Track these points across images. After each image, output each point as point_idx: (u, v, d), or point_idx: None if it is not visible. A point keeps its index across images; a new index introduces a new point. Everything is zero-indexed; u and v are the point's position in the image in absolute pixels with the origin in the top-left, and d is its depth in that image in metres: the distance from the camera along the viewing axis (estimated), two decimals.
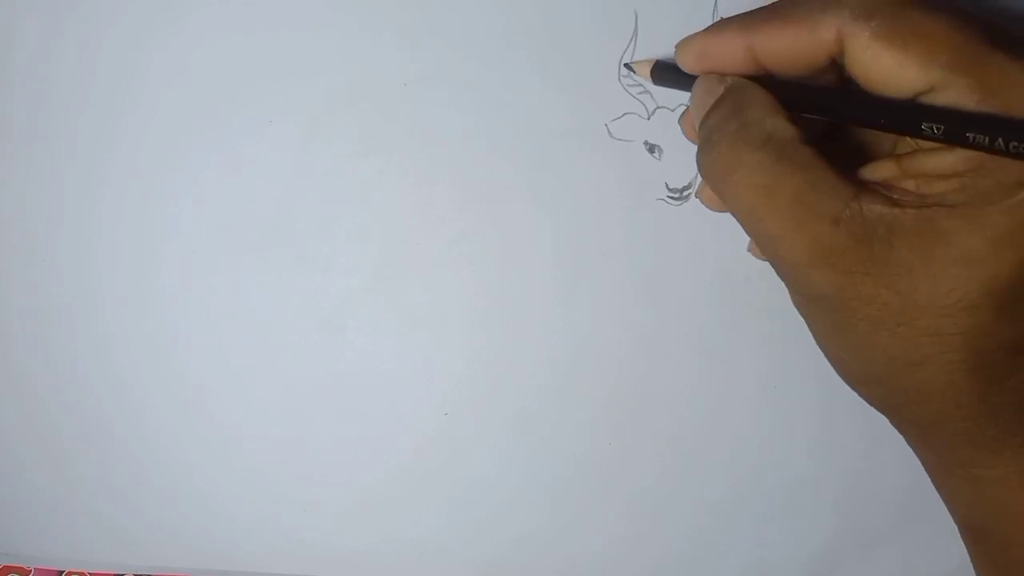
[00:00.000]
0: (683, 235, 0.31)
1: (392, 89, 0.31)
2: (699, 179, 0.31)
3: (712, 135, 0.25)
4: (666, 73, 0.29)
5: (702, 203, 0.30)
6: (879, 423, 0.26)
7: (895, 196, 0.23)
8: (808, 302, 0.25)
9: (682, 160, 0.31)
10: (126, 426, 0.34)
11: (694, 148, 0.31)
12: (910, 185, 0.23)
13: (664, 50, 0.30)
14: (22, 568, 0.35)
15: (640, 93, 0.30)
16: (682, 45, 0.27)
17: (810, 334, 0.26)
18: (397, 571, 0.34)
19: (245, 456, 0.33)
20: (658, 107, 0.31)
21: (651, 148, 0.31)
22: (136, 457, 0.34)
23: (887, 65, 0.22)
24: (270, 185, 0.32)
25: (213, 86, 0.31)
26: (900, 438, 0.26)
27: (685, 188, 0.31)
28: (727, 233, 0.31)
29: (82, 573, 0.35)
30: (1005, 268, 0.22)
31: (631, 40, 0.30)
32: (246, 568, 0.34)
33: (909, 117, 0.23)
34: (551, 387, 0.32)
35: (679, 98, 0.30)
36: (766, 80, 0.25)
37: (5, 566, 0.35)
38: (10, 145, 0.32)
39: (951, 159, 0.23)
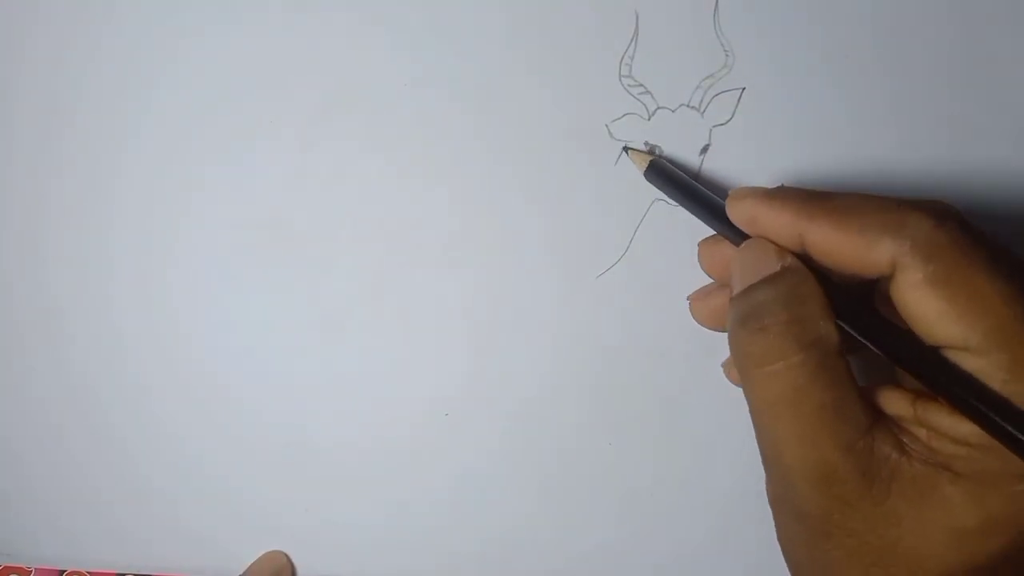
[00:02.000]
0: (683, 235, 0.31)
1: (393, 89, 0.31)
2: (700, 180, 0.31)
3: (763, 316, 0.24)
4: (660, 176, 0.29)
5: (725, 375, 0.29)
6: None
7: (905, 440, 0.23)
8: (788, 509, 0.25)
9: (683, 161, 0.31)
10: (126, 426, 0.34)
11: (695, 148, 0.31)
12: (921, 434, 0.23)
13: (665, 51, 0.30)
14: (22, 568, 0.35)
15: (641, 94, 0.30)
16: (736, 201, 0.26)
17: None
18: (398, 570, 0.34)
19: (245, 456, 0.34)
20: (659, 108, 0.31)
21: (652, 149, 0.31)
22: (136, 457, 0.34)
23: (930, 311, 0.22)
24: (270, 185, 0.32)
25: (214, 86, 0.31)
26: None
27: None
28: None
29: (82, 573, 0.35)
30: (991, 549, 0.22)
31: (631, 40, 0.30)
32: (246, 568, 0.34)
33: (938, 374, 0.22)
34: (551, 387, 0.32)
35: (680, 99, 0.30)
36: (818, 273, 0.25)
37: (6, 566, 0.35)
38: (15, 147, 0.32)
39: (967, 427, 0.22)
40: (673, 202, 0.31)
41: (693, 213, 0.29)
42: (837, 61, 0.30)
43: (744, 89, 0.30)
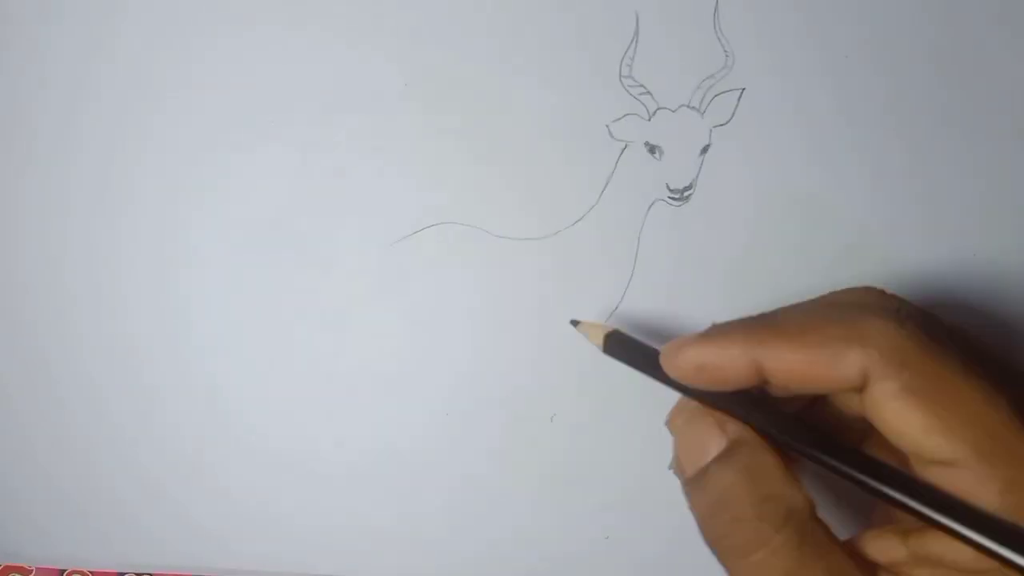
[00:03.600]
0: (684, 236, 0.31)
1: (393, 89, 0.31)
2: (700, 180, 0.31)
3: (731, 504, 0.22)
4: (621, 348, 0.27)
5: (673, 472, 0.27)
6: None
7: None
8: None
9: (683, 161, 0.31)
10: (128, 426, 0.34)
11: (695, 148, 0.31)
12: (924, 574, 0.22)
13: (665, 51, 0.30)
14: (23, 568, 0.35)
15: (641, 94, 0.31)
16: (674, 352, 0.24)
17: None
18: (398, 569, 0.34)
19: (245, 456, 0.33)
20: (659, 108, 0.31)
21: (652, 149, 0.31)
22: (138, 457, 0.34)
23: (912, 424, 0.21)
24: (270, 185, 0.32)
25: (214, 86, 0.31)
26: None
27: (686, 189, 0.31)
28: (729, 234, 0.31)
29: (83, 573, 0.35)
30: None
31: (632, 40, 0.30)
32: (246, 567, 0.34)
33: (927, 503, 0.21)
34: (552, 387, 0.32)
35: (680, 99, 0.31)
36: (762, 418, 0.23)
37: (7, 566, 0.35)
38: (29, 149, 0.32)
39: (969, 552, 0.20)
40: (675, 203, 0.31)
41: (656, 379, 0.27)
42: (837, 61, 0.30)
43: (744, 89, 0.30)
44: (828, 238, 0.31)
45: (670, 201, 0.31)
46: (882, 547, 0.23)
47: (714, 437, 0.24)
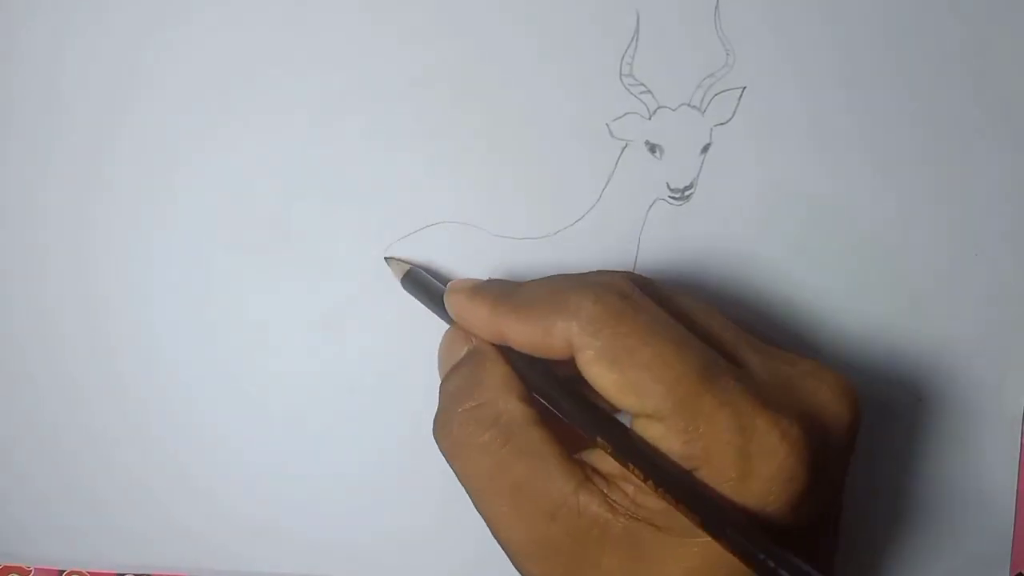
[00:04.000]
0: (685, 235, 0.31)
1: (396, 88, 0.31)
2: (701, 179, 0.31)
3: (445, 409, 0.25)
4: (415, 285, 0.30)
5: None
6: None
7: (613, 497, 0.23)
8: None
9: (683, 160, 0.31)
10: (125, 426, 0.33)
11: (696, 147, 0.31)
12: (628, 489, 0.23)
13: (666, 50, 0.30)
14: (22, 568, 0.35)
15: (642, 93, 0.30)
16: (447, 297, 0.27)
17: None
18: (397, 571, 0.34)
19: (245, 456, 0.33)
20: (659, 107, 0.31)
21: (652, 148, 0.31)
22: (136, 457, 0.34)
23: (608, 385, 0.23)
24: (270, 184, 0.32)
25: (215, 83, 0.31)
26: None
27: (687, 188, 0.31)
28: (730, 234, 0.31)
29: (82, 573, 0.35)
30: None
31: (632, 39, 0.30)
32: (246, 568, 0.34)
33: (620, 444, 0.23)
34: None
35: (681, 97, 0.30)
36: (508, 350, 0.25)
37: (5, 566, 0.35)
38: (7, 137, 0.32)
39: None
40: (675, 202, 0.31)
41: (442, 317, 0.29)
42: (837, 59, 0.30)
43: (745, 88, 0.30)
44: (829, 237, 0.31)
45: (671, 200, 0.31)
46: (603, 457, 0.24)
47: (458, 348, 0.27)
